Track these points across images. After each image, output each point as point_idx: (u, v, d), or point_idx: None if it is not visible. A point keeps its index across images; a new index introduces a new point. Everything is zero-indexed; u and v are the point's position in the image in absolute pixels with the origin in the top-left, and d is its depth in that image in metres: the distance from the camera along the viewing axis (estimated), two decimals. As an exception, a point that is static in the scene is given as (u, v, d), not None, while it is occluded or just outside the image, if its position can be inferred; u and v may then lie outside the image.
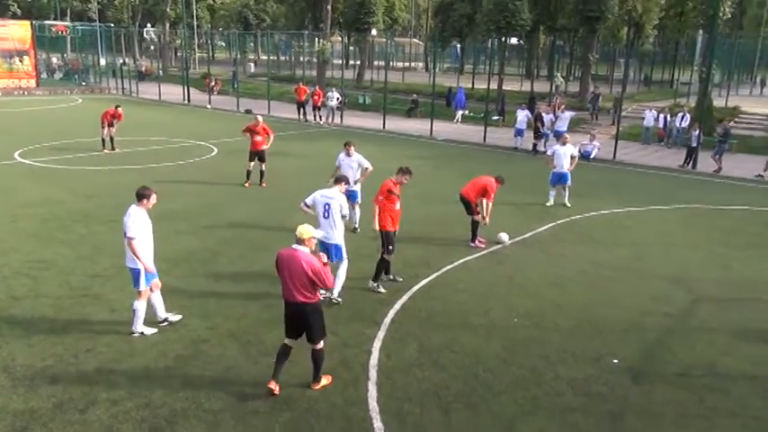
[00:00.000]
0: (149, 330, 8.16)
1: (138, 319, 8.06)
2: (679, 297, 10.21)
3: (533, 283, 10.56)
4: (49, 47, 50.67)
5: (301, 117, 32.21)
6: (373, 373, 7.40)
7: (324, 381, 7.05)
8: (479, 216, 12.23)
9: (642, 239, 13.37)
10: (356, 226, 12.68)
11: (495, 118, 31.63)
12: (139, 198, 7.94)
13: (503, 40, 38.46)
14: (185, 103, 38.60)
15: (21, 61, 41.41)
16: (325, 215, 9.08)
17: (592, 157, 22.60)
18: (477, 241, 12.33)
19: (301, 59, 59.74)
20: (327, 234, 9.11)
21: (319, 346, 6.83)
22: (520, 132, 25.03)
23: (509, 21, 35.06)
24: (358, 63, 53.34)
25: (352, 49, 59.31)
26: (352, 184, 11.76)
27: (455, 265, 11.29)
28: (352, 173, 12.30)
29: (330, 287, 6.83)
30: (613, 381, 7.47)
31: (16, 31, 41.23)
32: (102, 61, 48.72)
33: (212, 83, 41.09)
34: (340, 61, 52.58)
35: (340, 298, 9.39)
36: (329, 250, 9.20)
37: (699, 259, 12.20)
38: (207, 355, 7.72)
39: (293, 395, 6.84)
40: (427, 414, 6.65)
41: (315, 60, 49.48)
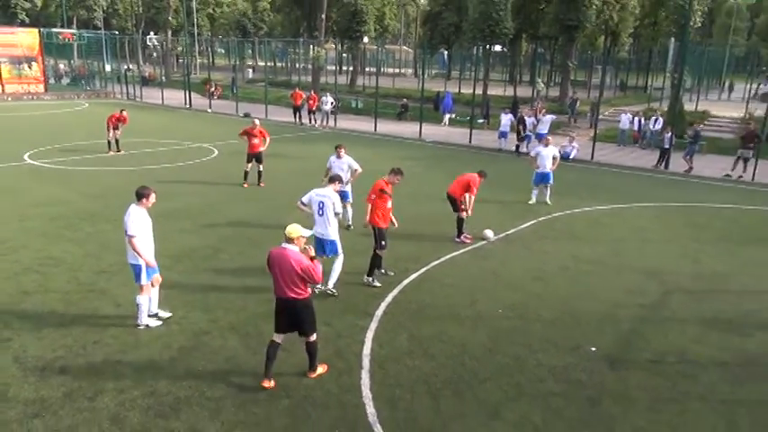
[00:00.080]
0: (154, 323, 8.15)
1: (142, 313, 8.04)
2: (653, 289, 10.29)
3: (517, 277, 10.61)
4: (56, 53, 50.25)
5: (297, 120, 32.13)
6: (366, 362, 7.43)
7: (320, 369, 7.05)
8: (464, 213, 12.28)
9: (618, 235, 13.45)
10: (349, 223, 12.68)
11: (481, 121, 31.68)
12: (139, 197, 7.88)
13: (487, 47, 38.54)
14: (187, 107, 38.38)
15: (29, 67, 40.99)
16: (320, 213, 9.13)
17: (571, 157, 22.68)
18: (462, 237, 12.37)
19: (297, 66, 59.59)
20: (322, 230, 9.17)
21: (312, 338, 6.83)
22: (504, 135, 25.13)
23: (493, 29, 35.17)
24: (351, 69, 53.22)
25: (345, 55, 59.13)
26: (343, 184, 11.76)
27: (443, 260, 11.32)
28: (342, 174, 12.27)
29: (319, 282, 6.80)
30: (592, 368, 7.53)
31: (25, 39, 40.81)
32: (108, 67, 48.33)
33: (212, 88, 40.87)
34: (334, 67, 52.48)
35: (336, 290, 9.42)
36: (325, 246, 9.24)
37: (671, 254, 12.29)
38: (208, 346, 7.71)
39: (290, 384, 6.85)
40: (417, 400, 6.67)
41: (310, 66, 49.31)
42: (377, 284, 9.75)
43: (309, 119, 31.82)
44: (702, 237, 13.62)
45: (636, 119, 27.97)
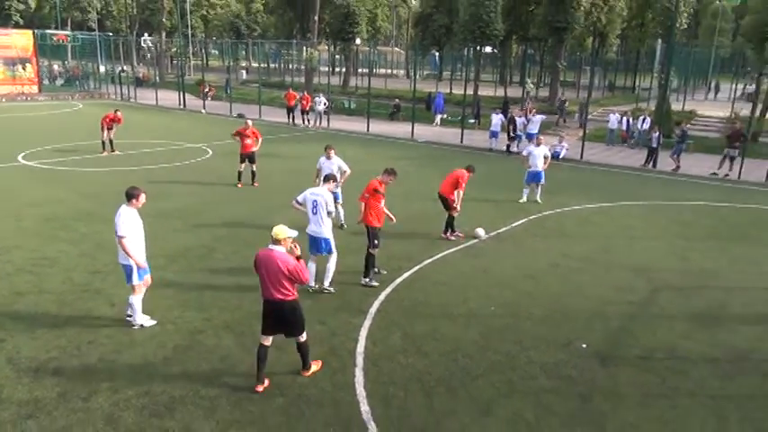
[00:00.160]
0: (149, 322, 8.07)
1: (136, 312, 7.96)
2: (642, 286, 10.30)
3: (508, 275, 10.60)
4: (50, 54, 49.85)
5: (290, 121, 32.02)
6: (360, 360, 7.39)
7: (314, 367, 7.00)
8: (455, 212, 12.30)
9: (608, 233, 13.47)
10: (342, 222, 12.64)
11: (472, 121, 31.67)
12: (129, 198, 7.77)
13: (478, 48, 38.58)
14: (181, 107, 38.16)
15: (23, 68, 40.66)
16: (314, 211, 9.14)
17: (561, 157, 22.72)
18: (452, 235, 12.42)
19: (290, 67, 59.44)
20: (317, 229, 9.19)
21: (302, 339, 6.76)
22: (494, 134, 25.14)
23: (484, 31, 35.22)
24: (343, 70, 53.14)
25: (337, 57, 59.04)
26: (338, 183, 11.73)
27: (435, 258, 11.29)
28: None
29: (306, 282, 6.69)
30: (582, 364, 7.52)
31: (19, 40, 40.46)
32: (102, 68, 47.99)
33: (206, 89, 40.68)
34: (326, 68, 52.35)
35: (332, 287, 9.43)
36: (319, 244, 9.25)
37: (660, 251, 12.32)
38: (203, 345, 7.65)
39: (285, 382, 6.80)
40: (411, 397, 6.64)
41: (303, 68, 49.19)
42: (375, 284, 9.72)
43: (302, 119, 31.72)
44: (690, 234, 13.67)
45: (624, 119, 28.06)
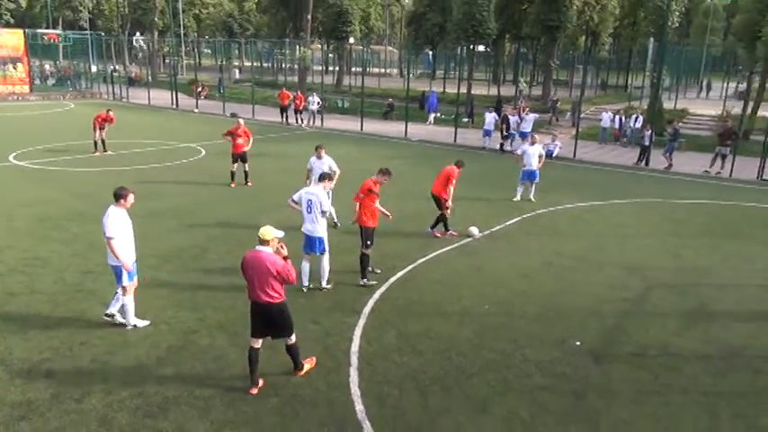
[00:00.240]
0: (142, 323, 8.03)
1: (128, 313, 7.91)
2: (635, 284, 10.34)
3: (502, 274, 10.61)
4: (41, 54, 49.53)
5: (284, 120, 31.95)
6: (354, 360, 7.38)
7: (307, 366, 6.97)
8: (448, 210, 12.36)
9: (601, 231, 13.51)
10: (336, 221, 12.62)
11: (465, 120, 31.72)
12: (117, 198, 7.70)
13: (471, 47, 38.62)
14: (174, 107, 38.00)
15: (14, 68, 40.37)
16: (308, 210, 9.18)
17: (554, 155, 22.78)
18: (447, 233, 12.46)
19: (283, 66, 59.28)
20: (311, 228, 9.23)
21: (291, 340, 6.71)
22: (488, 133, 25.18)
23: (477, 30, 35.26)
24: (337, 69, 53.07)
25: (331, 56, 58.96)
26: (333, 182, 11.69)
27: (429, 257, 11.30)
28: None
29: (294, 282, 6.58)
30: (576, 362, 7.55)
31: (9, 40, 40.14)
32: (94, 68, 47.72)
33: (199, 88, 40.52)
34: (320, 67, 52.27)
35: (329, 285, 9.47)
36: (313, 243, 9.28)
37: (652, 249, 12.37)
38: (197, 345, 7.62)
39: (279, 382, 6.78)
40: (406, 396, 6.64)
41: (296, 67, 49.08)
42: (372, 283, 9.72)
43: (296, 118, 31.66)
44: (683, 232, 13.73)
45: (617, 117, 28.17)
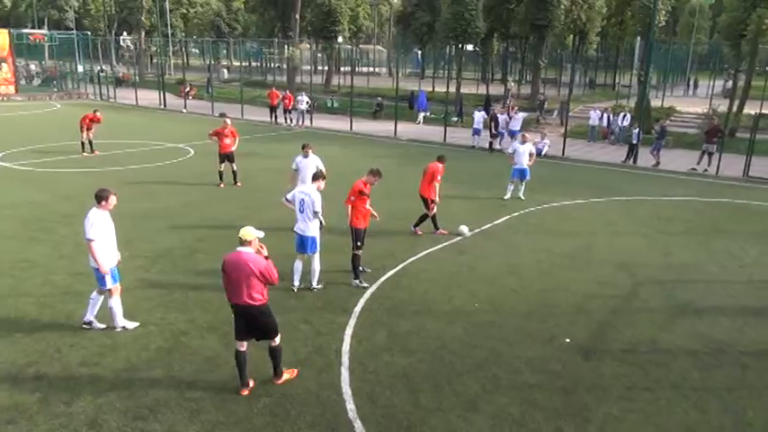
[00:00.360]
0: (131, 324, 7.99)
1: (117, 315, 7.86)
2: (623, 281, 10.41)
3: (492, 272, 10.65)
4: (27, 54, 49.06)
5: (273, 120, 31.86)
6: (345, 359, 7.38)
7: (286, 375, 6.79)
8: (433, 210, 12.46)
9: (590, 229, 13.59)
10: (321, 220, 12.59)
11: (455, 119, 31.78)
12: (98, 200, 7.62)
13: (460, 46, 38.68)
14: (162, 107, 37.76)
15: (-1, 69, 39.94)
16: (301, 210, 9.22)
17: (543, 153, 22.85)
18: (437, 232, 12.52)
19: (272, 65, 59.08)
20: (303, 227, 9.26)
21: (276, 341, 6.61)
22: (477, 132, 25.26)
23: (465, 29, 35.35)
24: (326, 69, 52.98)
25: (319, 55, 58.83)
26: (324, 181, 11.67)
27: (419, 256, 11.32)
28: (310, 174, 12.08)
29: (276, 282, 6.47)
30: (566, 358, 7.59)
31: (-6, 40, 39.75)
32: (80, 68, 47.30)
33: (187, 89, 40.30)
34: (309, 67, 52.16)
35: (320, 285, 9.48)
36: (305, 242, 9.29)
37: (641, 246, 12.46)
38: (187, 346, 7.59)
39: (269, 382, 6.76)
40: (397, 395, 6.65)
41: (285, 66, 48.94)
42: (365, 285, 9.71)
43: (285, 118, 31.56)
44: (670, 229, 13.85)
45: (605, 115, 28.35)
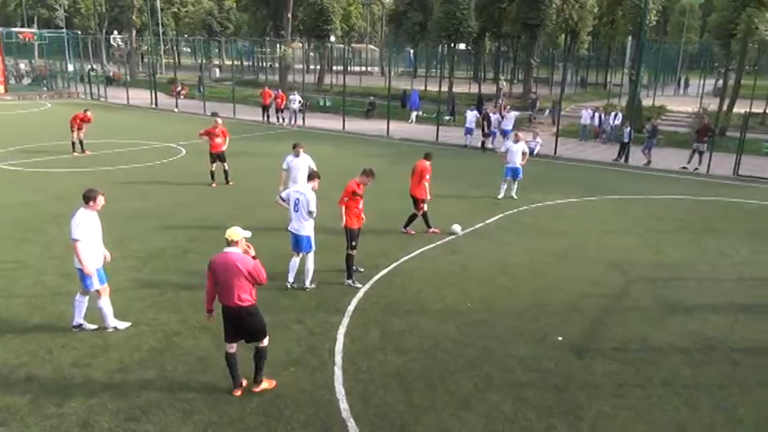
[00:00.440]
0: (122, 324, 7.96)
1: (107, 316, 7.82)
2: (615, 279, 10.47)
3: (484, 271, 10.68)
4: (16, 53, 48.70)
5: (265, 119, 31.79)
6: (338, 359, 7.38)
7: (264, 384, 6.61)
8: (422, 210, 12.53)
9: (582, 228, 13.65)
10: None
11: (447, 118, 31.82)
12: (86, 200, 7.58)
13: (452, 45, 38.73)
14: (153, 107, 37.57)
15: (-12, 68, 39.65)
16: (296, 209, 9.24)
17: (535, 152, 22.92)
18: (429, 231, 12.58)
19: (264, 65, 58.93)
20: (297, 226, 9.28)
21: (264, 343, 6.52)
22: (469, 131, 25.32)
23: (457, 28, 35.38)
24: (318, 68, 52.91)
25: (312, 54, 58.75)
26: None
27: (412, 255, 11.33)
28: (301, 174, 12.08)
29: (264, 282, 6.39)
30: (558, 357, 7.63)
31: (-17, 39, 39.47)
32: (71, 67, 47.00)
33: (178, 88, 40.13)
34: (301, 66, 52.09)
35: (313, 284, 9.48)
36: (299, 242, 9.31)
37: (633, 244, 12.53)
38: (179, 347, 7.56)
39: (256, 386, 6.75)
40: (390, 394, 6.66)
41: (277, 65, 48.83)
42: (358, 285, 9.71)
43: (277, 117, 31.51)
44: (662, 227, 13.93)
45: (596, 114, 28.48)
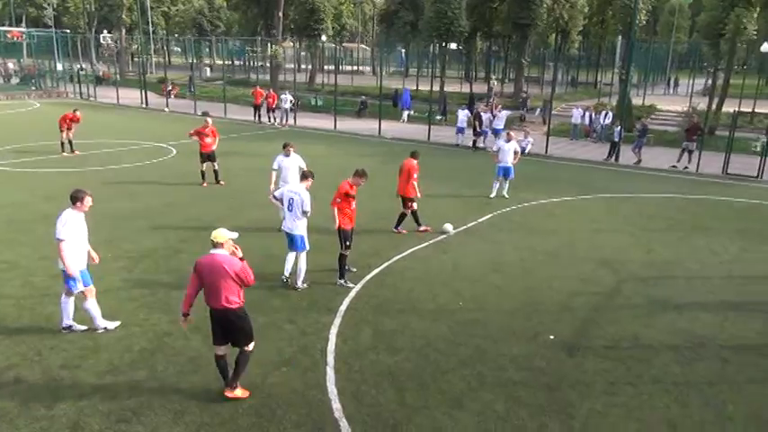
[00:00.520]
0: (112, 324, 7.90)
1: (95, 317, 7.77)
2: (606, 278, 10.52)
3: (476, 270, 10.70)
4: (4, 53, 48.30)
5: (257, 119, 31.69)
6: (331, 359, 7.37)
7: (238, 392, 6.42)
8: (410, 209, 12.55)
9: (573, 226, 13.71)
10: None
11: (439, 117, 31.86)
12: (73, 201, 7.51)
13: (443, 45, 38.77)
14: (143, 106, 37.37)
15: (-24, 67, 39.25)
16: (290, 208, 9.23)
17: (526, 152, 22.99)
18: (420, 229, 12.63)
19: (255, 64, 58.74)
20: (291, 225, 9.28)
21: (249, 348, 6.43)
22: (461, 130, 25.37)
23: (448, 27, 35.41)
24: (309, 67, 52.81)
25: (303, 53, 58.61)
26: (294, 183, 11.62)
27: (404, 254, 11.33)
28: (291, 173, 12.06)
29: (252, 283, 6.32)
30: (550, 355, 7.65)
31: (-30, 38, 39.07)
32: (60, 66, 46.65)
33: (169, 87, 39.91)
34: (292, 65, 51.95)
35: (305, 284, 9.46)
36: (293, 241, 9.31)
37: (623, 243, 12.60)
38: (171, 347, 7.52)
39: (254, 382, 6.73)
40: (382, 394, 6.66)
41: (268, 65, 48.68)
42: (351, 285, 9.69)
43: (268, 117, 31.42)
44: (652, 226, 14.02)
45: (587, 113, 28.60)
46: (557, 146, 25.25)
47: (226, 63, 60.16)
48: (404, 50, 58.66)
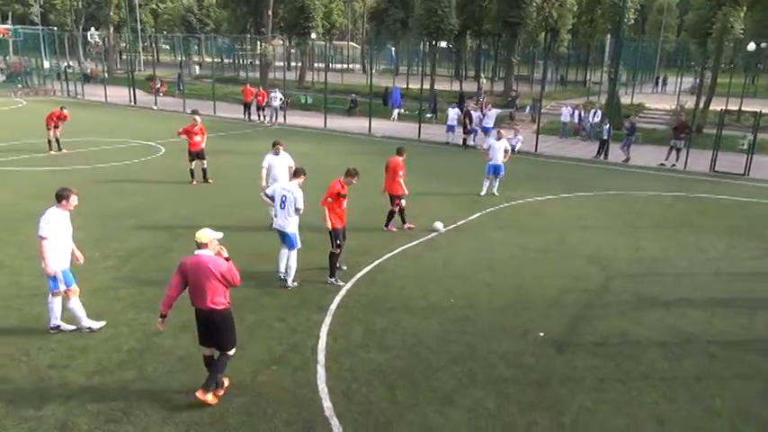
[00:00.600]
0: (97, 324, 7.84)
1: (80, 318, 7.71)
2: (595, 275, 10.58)
3: (467, 267, 10.73)
4: (-11, 50, 47.83)
5: (246, 117, 31.56)
6: (321, 357, 7.36)
7: (209, 396, 6.25)
8: (398, 206, 12.58)
9: (562, 224, 13.78)
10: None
11: (429, 115, 31.90)
12: (59, 199, 7.46)
13: (433, 43, 38.80)
14: (132, 104, 37.10)
15: (-39, 65, 38.78)
16: (282, 206, 9.20)
17: (516, 150, 23.07)
18: (405, 226, 12.69)
19: (244, 62, 58.49)
20: (282, 223, 9.26)
21: (230, 353, 6.38)
22: (451, 128, 25.43)
23: (438, 25, 35.45)
24: (299, 65, 52.65)
25: (293, 51, 58.43)
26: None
27: (394, 252, 11.34)
28: (281, 172, 12.01)
29: (238, 284, 6.25)
30: (540, 352, 7.69)
31: (-45, 35, 38.60)
32: (47, 64, 46.19)
33: (158, 85, 39.65)
34: (282, 63, 51.79)
35: (295, 282, 9.44)
36: (285, 238, 9.29)
37: (612, 240, 12.68)
38: (160, 347, 7.48)
39: (245, 381, 6.73)
40: (373, 392, 6.66)
41: (257, 62, 48.48)
42: (341, 283, 9.68)
43: (258, 115, 31.31)
44: (640, 223, 14.12)
45: (576, 112, 28.75)
46: (546, 144, 25.35)
47: (215, 61, 59.88)
48: (394, 48, 58.64)
